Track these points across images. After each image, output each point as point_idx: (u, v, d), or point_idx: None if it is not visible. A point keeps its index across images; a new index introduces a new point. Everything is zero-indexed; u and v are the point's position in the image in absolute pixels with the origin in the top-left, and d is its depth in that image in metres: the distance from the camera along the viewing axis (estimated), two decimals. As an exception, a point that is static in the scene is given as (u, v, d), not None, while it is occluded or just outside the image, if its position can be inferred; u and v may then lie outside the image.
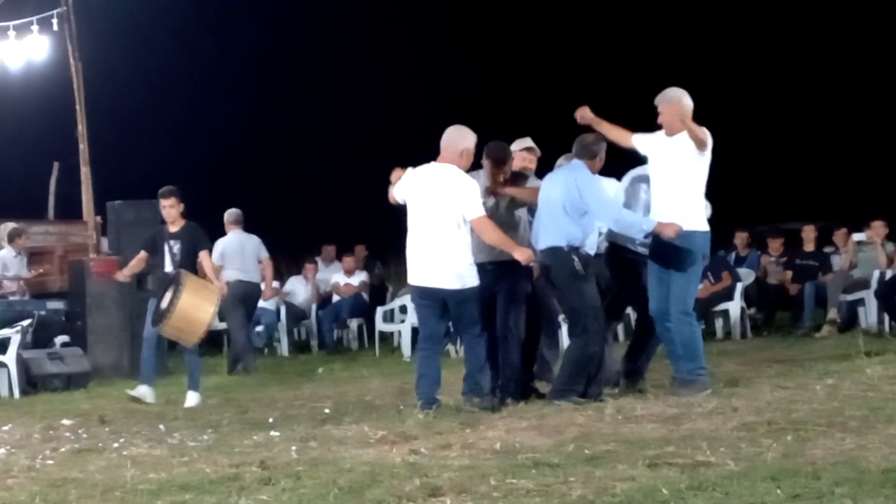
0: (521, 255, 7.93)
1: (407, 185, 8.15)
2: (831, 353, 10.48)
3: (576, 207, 8.11)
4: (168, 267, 10.18)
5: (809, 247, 14.65)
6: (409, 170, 8.23)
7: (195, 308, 9.71)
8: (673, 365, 8.43)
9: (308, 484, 5.75)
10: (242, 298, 13.01)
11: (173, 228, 10.34)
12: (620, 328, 12.07)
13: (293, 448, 6.82)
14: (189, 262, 10.18)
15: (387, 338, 14.62)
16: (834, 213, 17.99)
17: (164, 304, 9.76)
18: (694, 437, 6.40)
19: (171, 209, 10.38)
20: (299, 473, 6.01)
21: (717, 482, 5.25)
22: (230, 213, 13.40)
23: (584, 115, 8.47)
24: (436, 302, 8.04)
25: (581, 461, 5.91)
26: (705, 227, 8.40)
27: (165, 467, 6.44)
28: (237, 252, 13.16)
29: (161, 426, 8.18)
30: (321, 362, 13.21)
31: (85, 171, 13.37)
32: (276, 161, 26.05)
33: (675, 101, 8.36)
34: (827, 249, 14.85)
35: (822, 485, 5.09)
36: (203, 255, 10.31)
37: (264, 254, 13.51)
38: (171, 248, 10.23)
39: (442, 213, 7.97)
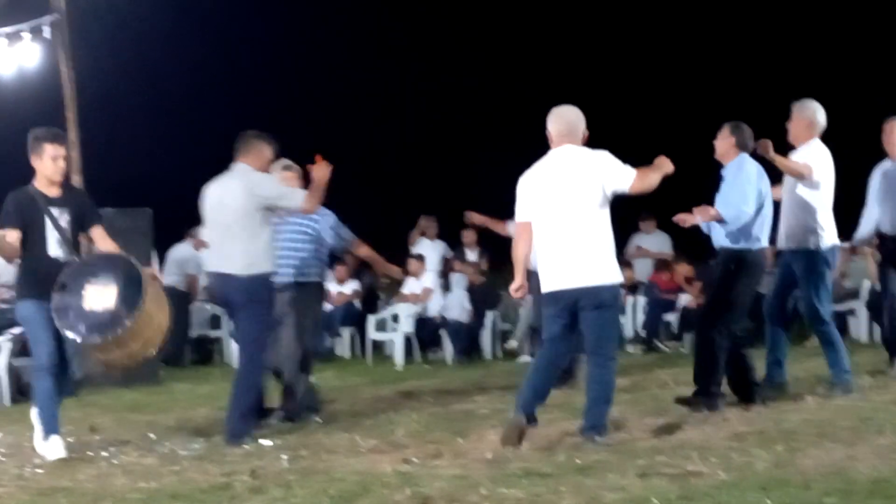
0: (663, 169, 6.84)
1: (534, 188, 6.91)
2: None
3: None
4: (54, 249, 6.92)
5: (801, 257, 14.63)
6: (523, 180, 6.97)
7: (153, 318, 6.96)
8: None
9: (299, 493, 5.76)
10: None
11: (54, 192, 6.98)
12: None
13: (284, 457, 6.82)
14: (77, 243, 7.10)
15: (379, 347, 14.60)
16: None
17: (92, 305, 6.68)
18: (684, 447, 6.42)
19: (62, 161, 7.00)
20: (290, 483, 6.02)
21: (708, 492, 5.27)
22: None
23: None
24: (570, 313, 6.77)
25: (572, 471, 5.92)
26: None
27: (156, 476, 6.43)
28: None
29: (152, 435, 8.17)
30: (313, 371, 13.15)
31: (77, 180, 13.33)
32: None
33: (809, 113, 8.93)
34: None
35: (812, 495, 5.11)
36: (97, 233, 7.12)
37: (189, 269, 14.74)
38: (55, 221, 6.91)
39: (584, 199, 6.73)
